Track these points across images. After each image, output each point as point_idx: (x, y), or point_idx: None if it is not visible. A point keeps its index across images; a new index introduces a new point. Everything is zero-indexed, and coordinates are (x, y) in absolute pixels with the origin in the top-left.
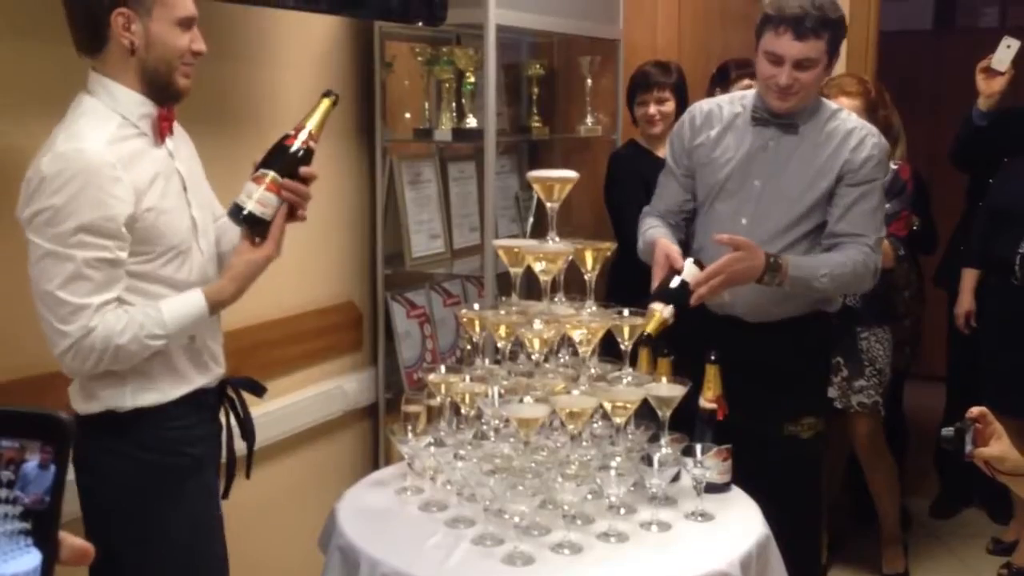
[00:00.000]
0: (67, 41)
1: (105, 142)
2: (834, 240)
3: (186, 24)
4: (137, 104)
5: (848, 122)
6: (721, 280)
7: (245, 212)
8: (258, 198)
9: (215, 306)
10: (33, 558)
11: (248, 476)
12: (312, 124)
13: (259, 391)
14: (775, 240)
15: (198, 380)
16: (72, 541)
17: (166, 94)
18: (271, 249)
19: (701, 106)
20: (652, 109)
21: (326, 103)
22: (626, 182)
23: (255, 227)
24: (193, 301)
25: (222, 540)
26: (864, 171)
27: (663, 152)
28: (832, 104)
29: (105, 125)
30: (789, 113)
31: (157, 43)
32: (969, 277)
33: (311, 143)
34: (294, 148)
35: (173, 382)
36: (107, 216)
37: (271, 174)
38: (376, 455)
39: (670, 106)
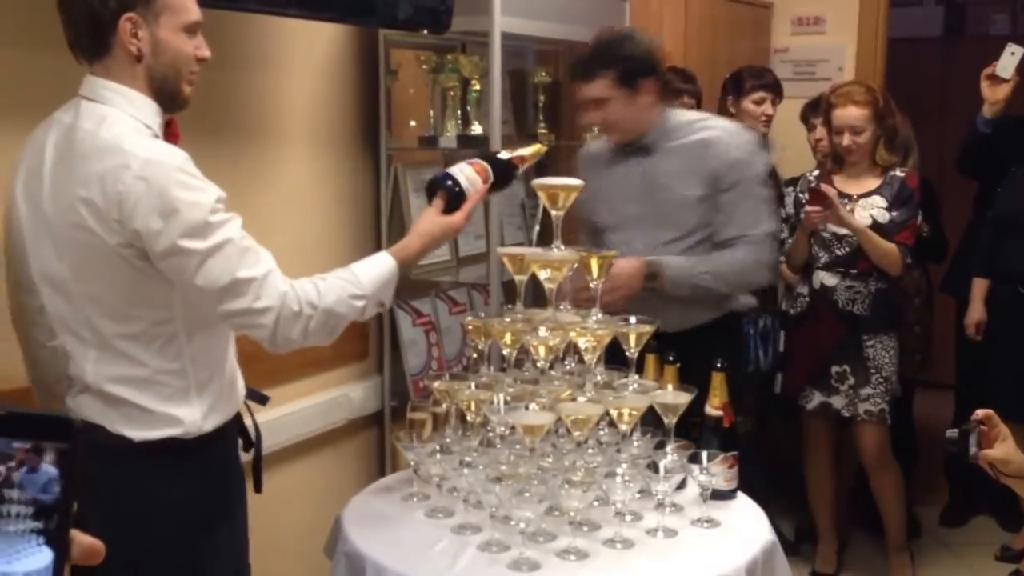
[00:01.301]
0: (50, 46)
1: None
2: (725, 245)
3: (192, 30)
4: (155, 112)
5: (708, 131)
6: (615, 296)
7: (452, 182)
8: (469, 176)
9: (403, 262)
10: (45, 556)
11: (259, 490)
12: (524, 152)
13: (263, 400)
14: (664, 254)
15: (240, 395)
16: (82, 539)
17: (173, 103)
18: (462, 220)
19: (588, 148)
20: None
21: (541, 147)
22: None
23: (454, 199)
24: (381, 260)
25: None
26: (734, 175)
27: None
28: (690, 115)
29: (140, 131)
30: (631, 141)
31: (165, 50)
32: (979, 286)
33: (520, 164)
34: (508, 157)
35: (229, 399)
36: (218, 195)
37: (485, 164)
38: (382, 463)
39: None
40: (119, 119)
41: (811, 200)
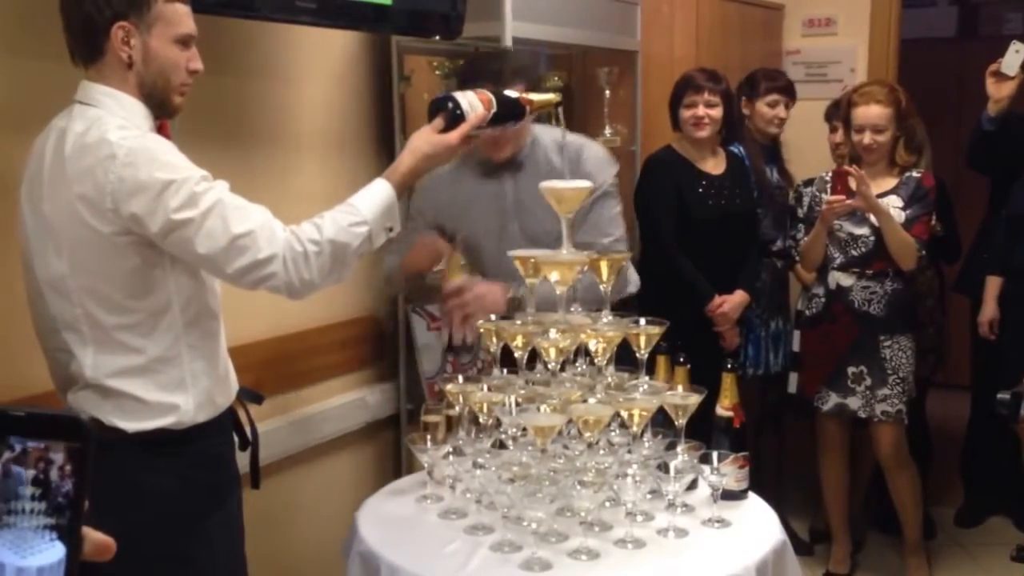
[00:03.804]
0: (53, 56)
1: None
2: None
3: (185, 42)
4: (145, 116)
5: (568, 138)
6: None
7: (453, 104)
8: (471, 101)
9: (397, 182)
10: (57, 551)
11: (256, 486)
12: (535, 97)
13: (258, 399)
14: None
15: (232, 390)
16: (94, 536)
17: (163, 110)
18: (456, 139)
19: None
20: (701, 110)
21: (553, 97)
22: (657, 185)
23: (453, 120)
24: (375, 184)
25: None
26: (596, 182)
27: (703, 163)
28: (549, 128)
29: (127, 128)
30: (509, 157)
31: (155, 59)
32: (993, 285)
33: (527, 105)
34: (515, 96)
35: (221, 393)
36: (203, 173)
37: (491, 96)
38: (399, 465)
39: (718, 112)
40: (107, 119)
41: (834, 186)
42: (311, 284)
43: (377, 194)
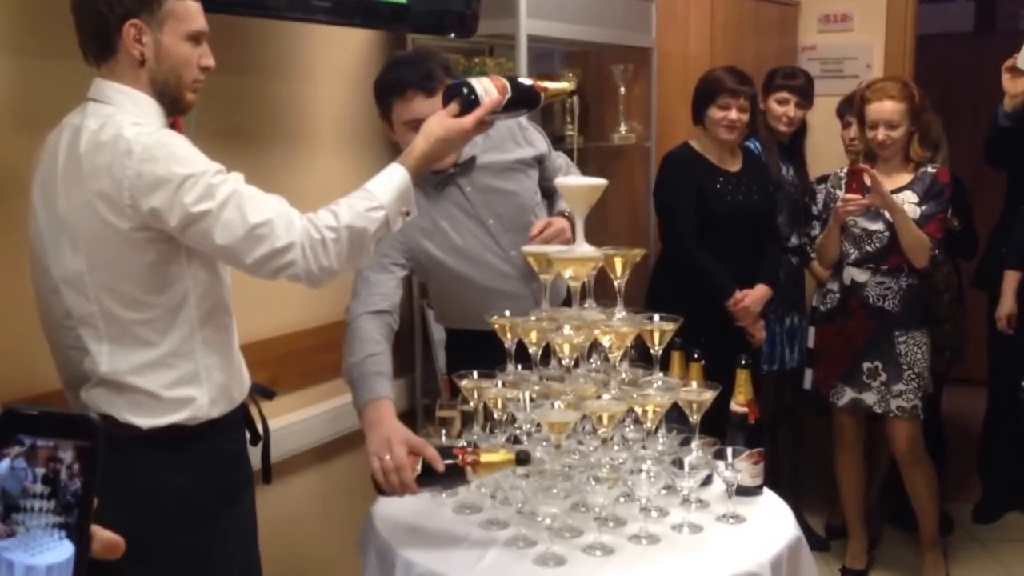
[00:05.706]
0: (61, 55)
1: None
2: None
3: (196, 38)
4: (158, 113)
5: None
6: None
7: (468, 90)
8: (486, 87)
9: (412, 166)
10: (66, 550)
11: (267, 480)
12: (550, 84)
13: (269, 395)
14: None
15: (245, 386)
16: (103, 534)
17: (175, 107)
18: (470, 123)
19: None
20: (734, 115)
21: (568, 85)
22: (676, 183)
23: (468, 106)
24: (390, 169)
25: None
26: (547, 145)
27: (721, 160)
28: None
29: (141, 125)
30: (455, 161)
31: (167, 56)
32: (1011, 279)
33: (542, 92)
34: (530, 83)
35: (236, 387)
36: (218, 167)
37: (506, 82)
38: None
39: (747, 116)
40: (121, 116)
41: (849, 184)
42: (330, 271)
43: (392, 179)
